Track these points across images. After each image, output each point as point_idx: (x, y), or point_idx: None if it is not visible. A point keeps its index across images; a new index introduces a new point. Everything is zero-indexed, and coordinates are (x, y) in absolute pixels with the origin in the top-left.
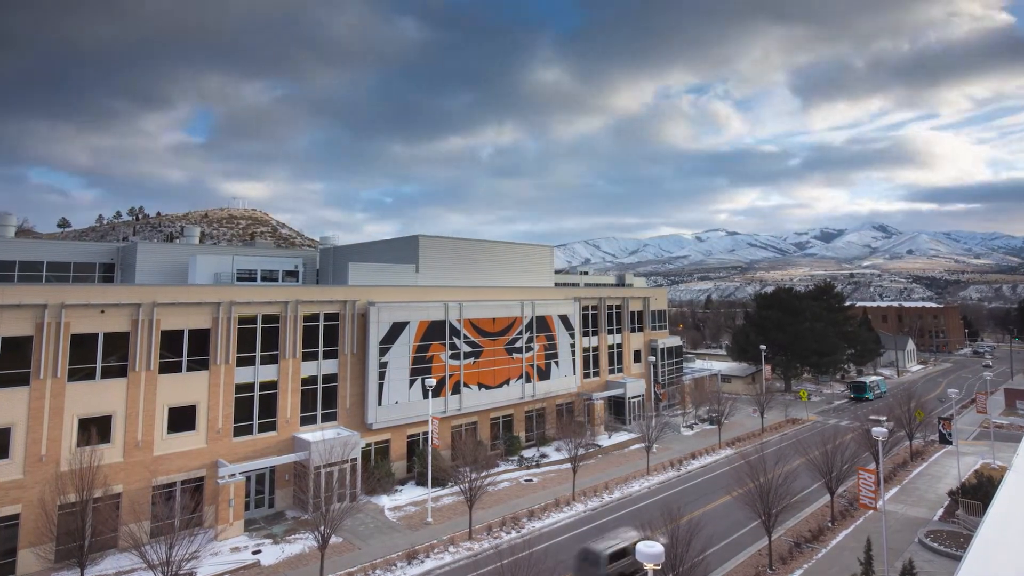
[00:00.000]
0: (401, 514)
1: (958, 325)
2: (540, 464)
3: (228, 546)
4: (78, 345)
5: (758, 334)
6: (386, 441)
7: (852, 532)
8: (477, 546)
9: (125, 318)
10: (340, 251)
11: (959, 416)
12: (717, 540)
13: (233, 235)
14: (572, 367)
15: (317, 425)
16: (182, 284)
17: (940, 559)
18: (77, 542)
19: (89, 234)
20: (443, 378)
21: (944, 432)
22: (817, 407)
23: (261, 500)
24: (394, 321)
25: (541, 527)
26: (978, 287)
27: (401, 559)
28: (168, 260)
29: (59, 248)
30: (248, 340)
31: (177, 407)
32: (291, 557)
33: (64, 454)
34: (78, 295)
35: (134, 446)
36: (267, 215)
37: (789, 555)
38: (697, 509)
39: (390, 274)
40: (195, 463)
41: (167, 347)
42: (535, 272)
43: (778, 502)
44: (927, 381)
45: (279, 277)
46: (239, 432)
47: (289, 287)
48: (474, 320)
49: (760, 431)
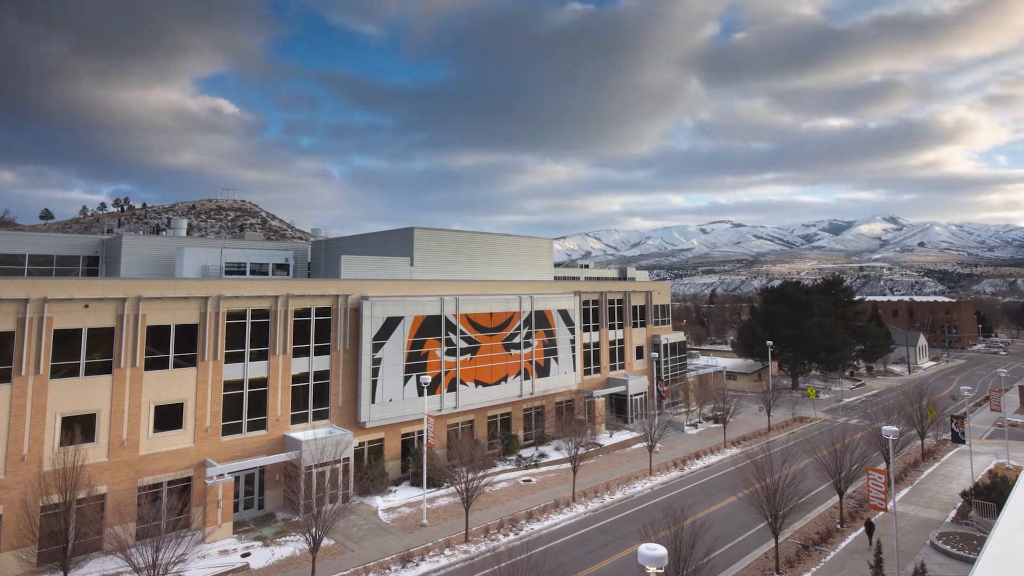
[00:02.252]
0: (395, 516)
1: (971, 320)
2: (539, 464)
3: (216, 549)
4: (61, 341)
5: (764, 329)
6: (380, 440)
7: (862, 534)
8: (473, 549)
9: (110, 313)
10: (332, 244)
11: (972, 414)
12: (722, 543)
13: (221, 227)
14: (572, 363)
15: (308, 424)
16: (169, 278)
17: (953, 562)
18: (60, 544)
19: (72, 226)
20: (439, 375)
21: (957, 431)
22: (825, 405)
23: (251, 501)
24: (388, 316)
25: (540, 529)
26: (992, 281)
27: (395, 562)
28: (154, 253)
29: (41, 240)
30: (237, 336)
31: (164, 405)
32: (281, 560)
33: (47, 453)
34: (61, 289)
35: (119, 445)
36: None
37: (796, 558)
38: (701, 511)
39: (384, 267)
40: (182, 463)
41: (153, 343)
42: (534, 265)
43: (785, 503)
44: (939, 378)
45: (269, 271)
46: (228, 431)
47: (280, 281)
48: (471, 315)
49: (766, 430)
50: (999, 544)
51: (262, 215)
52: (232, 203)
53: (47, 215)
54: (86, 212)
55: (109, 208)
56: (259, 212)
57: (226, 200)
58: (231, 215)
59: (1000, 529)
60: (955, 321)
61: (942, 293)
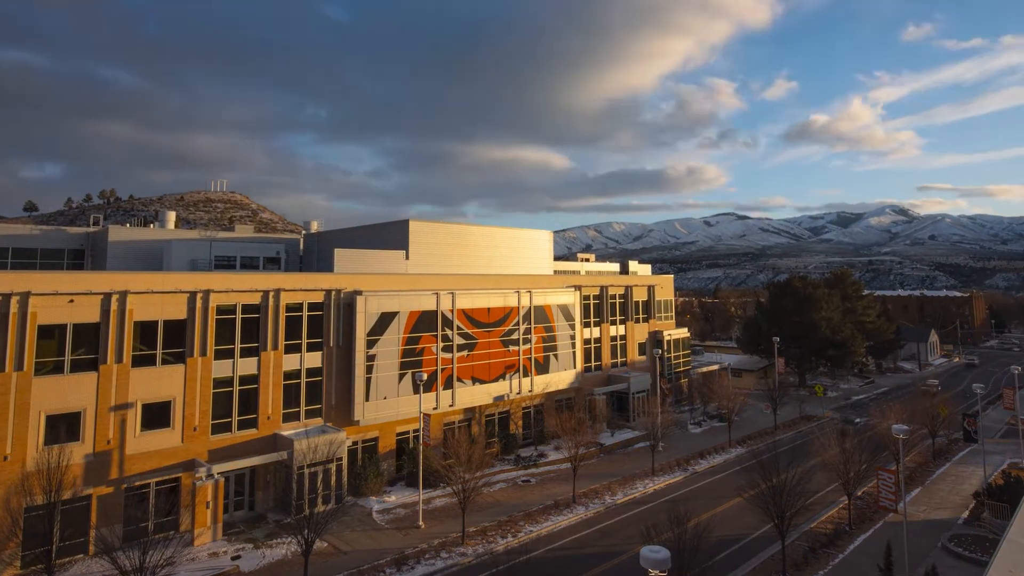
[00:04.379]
0: (390, 517)
1: (984, 315)
2: (538, 464)
3: (206, 551)
4: (45, 337)
5: (771, 325)
6: (374, 439)
7: (871, 536)
8: (471, 551)
9: (95, 308)
10: (325, 236)
11: (985, 413)
12: (727, 545)
13: (211, 219)
14: (572, 360)
15: (300, 422)
16: (156, 271)
17: (965, 565)
18: (45, 547)
19: (57, 218)
20: (435, 372)
21: (969, 430)
22: (833, 403)
23: (241, 502)
24: (382, 311)
25: (539, 531)
26: (1006, 275)
27: (390, 565)
28: (141, 246)
29: (25, 233)
30: (227, 331)
31: (151, 403)
32: (273, 563)
33: (31, 453)
34: (45, 283)
35: (105, 444)
36: (247, 198)
37: (804, 561)
38: (705, 512)
39: (378, 261)
40: (170, 463)
41: (140, 339)
42: (533, 259)
43: (792, 504)
44: (951, 375)
45: (260, 264)
46: (217, 430)
47: (271, 275)
48: (468, 310)
49: (773, 429)
50: (1013, 546)
51: (252, 207)
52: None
53: (31, 207)
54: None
55: (95, 200)
56: (249, 204)
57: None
58: (220, 207)
59: (1014, 531)
60: (967, 317)
61: (954, 288)
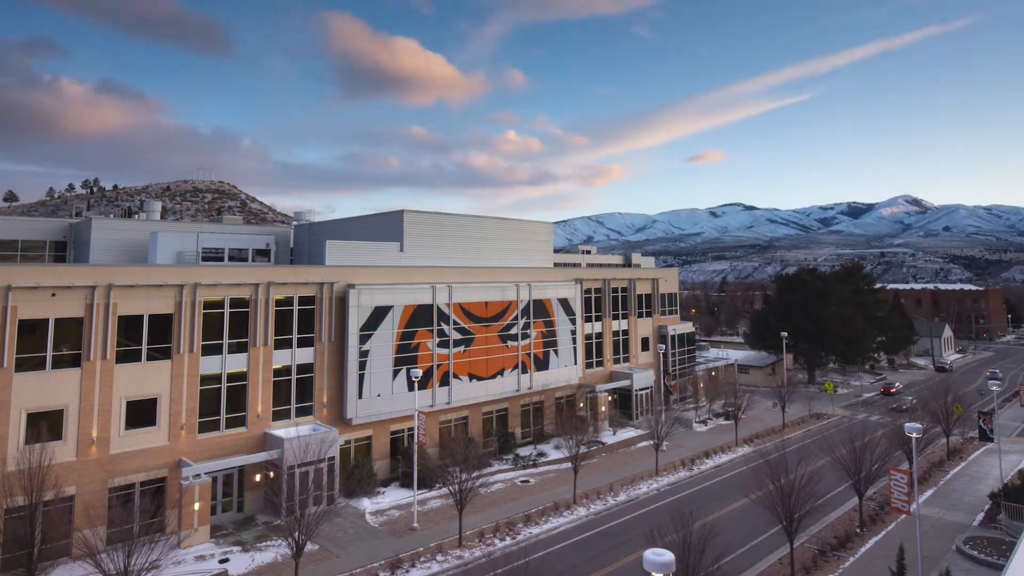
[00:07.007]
0: (384, 519)
1: (1000, 309)
2: (537, 463)
3: (192, 554)
4: (26, 332)
5: (779, 320)
6: (367, 438)
7: (883, 539)
8: (468, 554)
9: (79, 302)
10: (317, 228)
11: (1001, 410)
12: (733, 548)
13: (198, 210)
14: (573, 356)
15: (291, 420)
16: (141, 264)
17: (980, 568)
18: (26, 549)
19: (39, 209)
20: (430, 368)
21: (985, 428)
22: (844, 400)
23: (229, 503)
24: (376, 305)
25: (538, 533)
26: (1023, 267)
27: (383, 568)
28: (126, 238)
29: (5, 224)
30: (215, 326)
31: (136, 400)
32: (262, 566)
33: (11, 452)
34: (26, 276)
35: (89, 443)
36: (235, 188)
37: (813, 564)
38: (711, 513)
39: (372, 253)
40: (156, 462)
41: (125, 334)
42: (532, 251)
43: (801, 505)
44: (966, 371)
45: (249, 257)
46: (205, 428)
47: (260, 268)
48: (465, 304)
49: (781, 427)
50: None
51: (241, 197)
52: (209, 184)
53: (11, 197)
54: (53, 194)
55: (78, 190)
56: (238, 194)
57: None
58: (208, 197)
59: None
60: (983, 311)
61: (969, 281)
